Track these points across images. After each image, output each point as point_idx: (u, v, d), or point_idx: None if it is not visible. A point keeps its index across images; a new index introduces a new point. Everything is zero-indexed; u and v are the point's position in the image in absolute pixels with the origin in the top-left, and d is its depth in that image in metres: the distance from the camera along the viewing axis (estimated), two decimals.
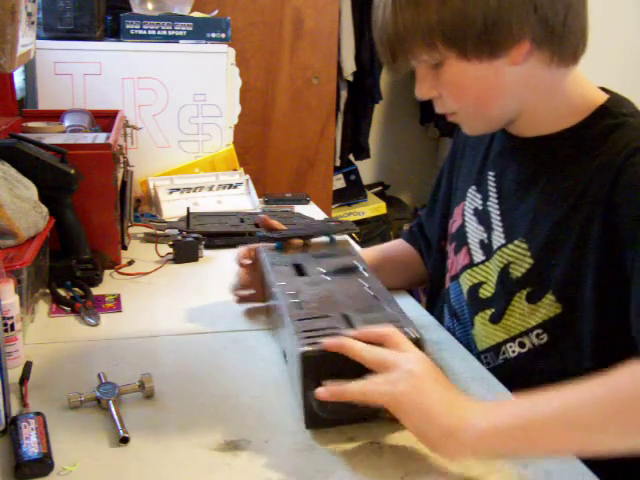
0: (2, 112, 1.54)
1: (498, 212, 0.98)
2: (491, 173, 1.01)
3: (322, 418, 0.77)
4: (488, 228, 1.00)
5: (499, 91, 0.89)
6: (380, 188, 3.61)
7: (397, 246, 1.27)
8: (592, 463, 0.74)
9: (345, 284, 0.95)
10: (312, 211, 1.74)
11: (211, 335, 1.04)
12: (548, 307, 0.90)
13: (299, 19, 2.55)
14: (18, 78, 1.80)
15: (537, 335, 0.91)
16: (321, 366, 0.77)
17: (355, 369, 0.75)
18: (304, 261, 1.03)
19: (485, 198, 1.01)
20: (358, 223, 2.31)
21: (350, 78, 3.02)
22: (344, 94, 3.08)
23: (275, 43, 2.55)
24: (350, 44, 2.97)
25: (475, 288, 1.00)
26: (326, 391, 0.74)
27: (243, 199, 1.75)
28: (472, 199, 1.04)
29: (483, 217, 1.01)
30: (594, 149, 0.87)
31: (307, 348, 0.78)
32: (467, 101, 0.90)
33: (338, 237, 1.12)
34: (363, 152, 3.31)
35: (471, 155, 1.07)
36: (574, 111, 0.90)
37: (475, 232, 1.01)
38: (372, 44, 3.06)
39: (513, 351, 0.95)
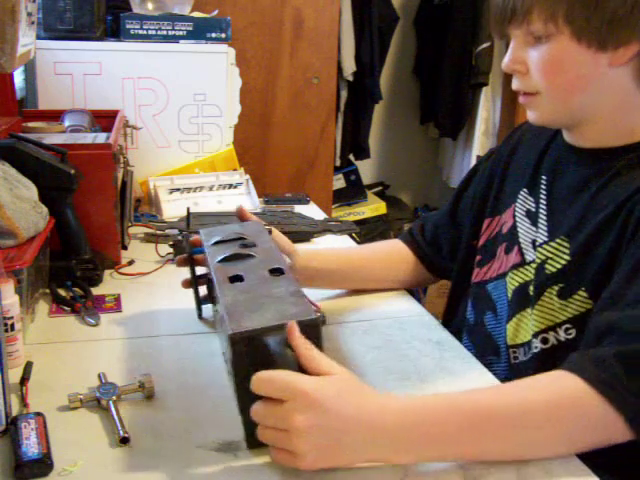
0: (2, 112, 1.54)
1: (545, 213, 1.00)
2: (544, 177, 1.03)
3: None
4: (537, 228, 1.02)
5: (589, 84, 0.90)
6: (380, 188, 3.61)
7: (391, 246, 1.27)
8: (592, 463, 0.74)
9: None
10: (312, 211, 1.74)
11: (211, 335, 1.04)
12: (579, 303, 0.91)
13: (299, 19, 2.55)
14: (18, 78, 1.80)
15: (566, 330, 0.93)
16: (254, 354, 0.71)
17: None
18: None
19: (537, 201, 1.03)
20: (358, 223, 2.30)
21: (350, 78, 3.02)
22: (344, 94, 3.07)
23: (275, 43, 2.55)
24: (350, 44, 2.97)
25: (525, 286, 1.00)
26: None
27: (243, 199, 1.75)
28: (524, 201, 1.05)
29: (534, 219, 1.02)
30: None
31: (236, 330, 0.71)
32: (557, 82, 0.91)
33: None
34: (363, 152, 3.31)
35: (522, 162, 1.09)
36: (638, 130, 0.92)
37: (527, 232, 1.03)
38: (372, 44, 3.06)
39: (537, 347, 0.95)
